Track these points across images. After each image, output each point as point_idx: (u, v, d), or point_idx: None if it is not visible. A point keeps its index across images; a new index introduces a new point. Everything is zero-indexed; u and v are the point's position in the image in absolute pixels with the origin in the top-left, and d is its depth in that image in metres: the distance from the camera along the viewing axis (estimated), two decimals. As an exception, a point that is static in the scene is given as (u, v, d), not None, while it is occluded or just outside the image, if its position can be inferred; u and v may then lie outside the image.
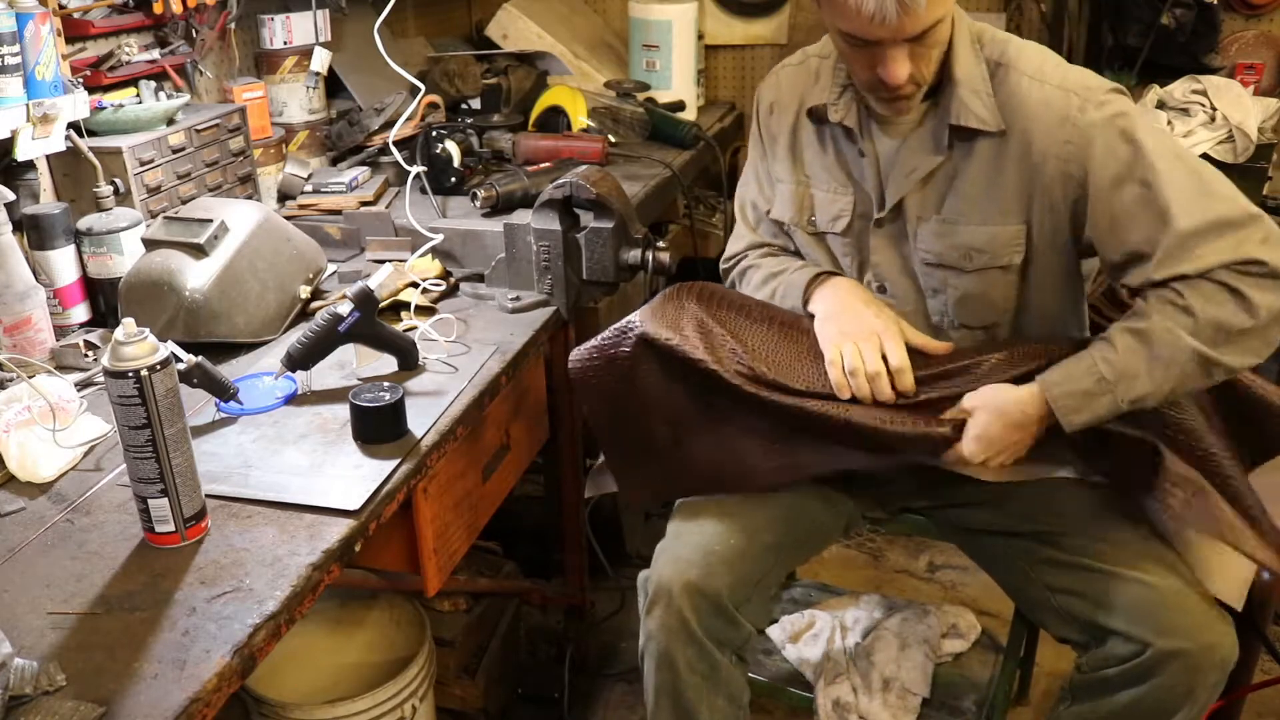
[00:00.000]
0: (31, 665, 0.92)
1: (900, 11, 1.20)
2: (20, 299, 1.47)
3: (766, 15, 2.98)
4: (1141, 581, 1.29)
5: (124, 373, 1.03)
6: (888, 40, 1.25)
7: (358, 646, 1.92)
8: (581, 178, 1.64)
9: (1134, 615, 1.28)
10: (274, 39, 2.14)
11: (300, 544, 1.11)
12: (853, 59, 1.33)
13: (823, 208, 1.49)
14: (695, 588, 1.34)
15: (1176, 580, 1.29)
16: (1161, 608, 1.27)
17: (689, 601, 1.34)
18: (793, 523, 1.47)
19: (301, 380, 1.44)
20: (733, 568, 1.37)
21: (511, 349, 1.57)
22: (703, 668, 1.36)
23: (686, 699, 1.37)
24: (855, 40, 1.27)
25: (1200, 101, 2.44)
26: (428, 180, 2.04)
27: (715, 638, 1.36)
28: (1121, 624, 1.29)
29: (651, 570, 1.41)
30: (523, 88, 2.51)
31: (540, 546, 2.25)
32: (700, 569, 1.36)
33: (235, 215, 1.60)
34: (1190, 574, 1.32)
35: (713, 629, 1.35)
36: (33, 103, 1.51)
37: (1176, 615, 1.27)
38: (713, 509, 1.44)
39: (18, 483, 1.24)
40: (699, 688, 1.37)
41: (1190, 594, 1.29)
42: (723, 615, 1.35)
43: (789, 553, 1.48)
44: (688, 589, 1.34)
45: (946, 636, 2.03)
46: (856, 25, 1.24)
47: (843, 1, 1.22)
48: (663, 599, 1.36)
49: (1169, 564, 1.31)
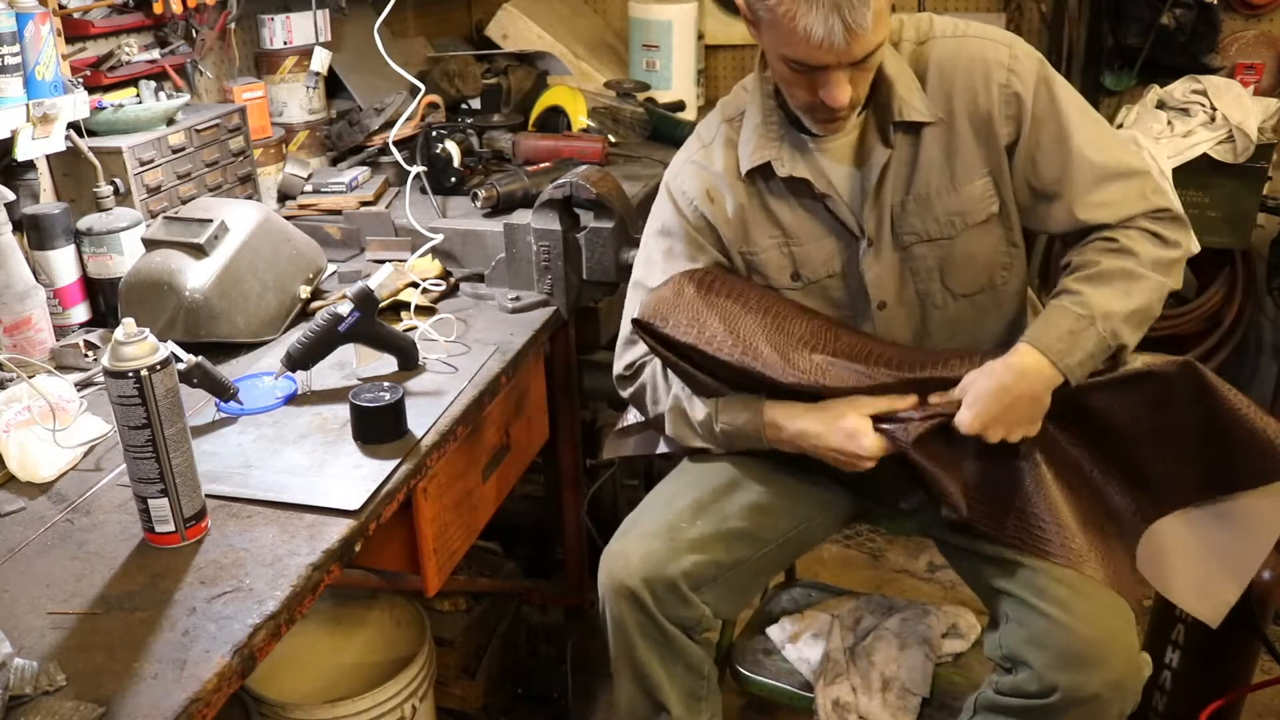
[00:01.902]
0: (31, 665, 0.92)
1: (848, 37, 1.21)
2: (20, 299, 1.47)
3: (766, 15, 2.97)
4: (1060, 620, 1.30)
5: (124, 373, 1.03)
6: (832, 65, 1.26)
7: (358, 646, 1.92)
8: (581, 178, 1.64)
9: (1049, 652, 1.29)
10: (274, 39, 2.14)
11: (300, 544, 1.11)
12: (793, 83, 1.33)
13: (810, 260, 1.46)
14: (653, 561, 1.38)
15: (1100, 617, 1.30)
16: (1076, 648, 1.28)
17: (643, 575, 1.37)
18: (776, 515, 1.48)
19: (301, 380, 1.44)
20: (695, 548, 1.40)
21: (511, 349, 1.57)
22: (656, 635, 1.40)
23: (641, 663, 1.41)
24: (799, 65, 1.28)
25: (1200, 101, 2.44)
26: (428, 180, 2.04)
27: (666, 613, 1.39)
28: (1035, 659, 1.30)
29: (614, 539, 1.44)
30: (523, 88, 2.51)
31: (540, 546, 2.25)
32: (661, 543, 1.39)
33: (235, 215, 1.60)
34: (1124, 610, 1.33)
35: (665, 604, 1.38)
36: (33, 103, 1.51)
37: (1089, 655, 1.27)
38: (687, 494, 1.47)
39: (18, 483, 1.24)
40: (652, 655, 1.41)
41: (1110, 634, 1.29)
42: (674, 593, 1.38)
43: (771, 546, 1.49)
44: (646, 560, 1.38)
45: (946, 636, 2.02)
46: (803, 51, 1.25)
47: (790, 29, 1.22)
48: (619, 566, 1.39)
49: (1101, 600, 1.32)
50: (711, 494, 1.47)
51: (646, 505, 1.50)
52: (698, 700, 1.46)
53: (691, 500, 1.46)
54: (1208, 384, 1.33)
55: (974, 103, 1.37)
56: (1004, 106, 1.36)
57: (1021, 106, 1.36)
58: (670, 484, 1.53)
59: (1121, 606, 1.34)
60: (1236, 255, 2.69)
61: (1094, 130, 1.37)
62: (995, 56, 1.36)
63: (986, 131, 1.37)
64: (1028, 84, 1.36)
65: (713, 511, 1.45)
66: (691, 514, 1.44)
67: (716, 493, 1.47)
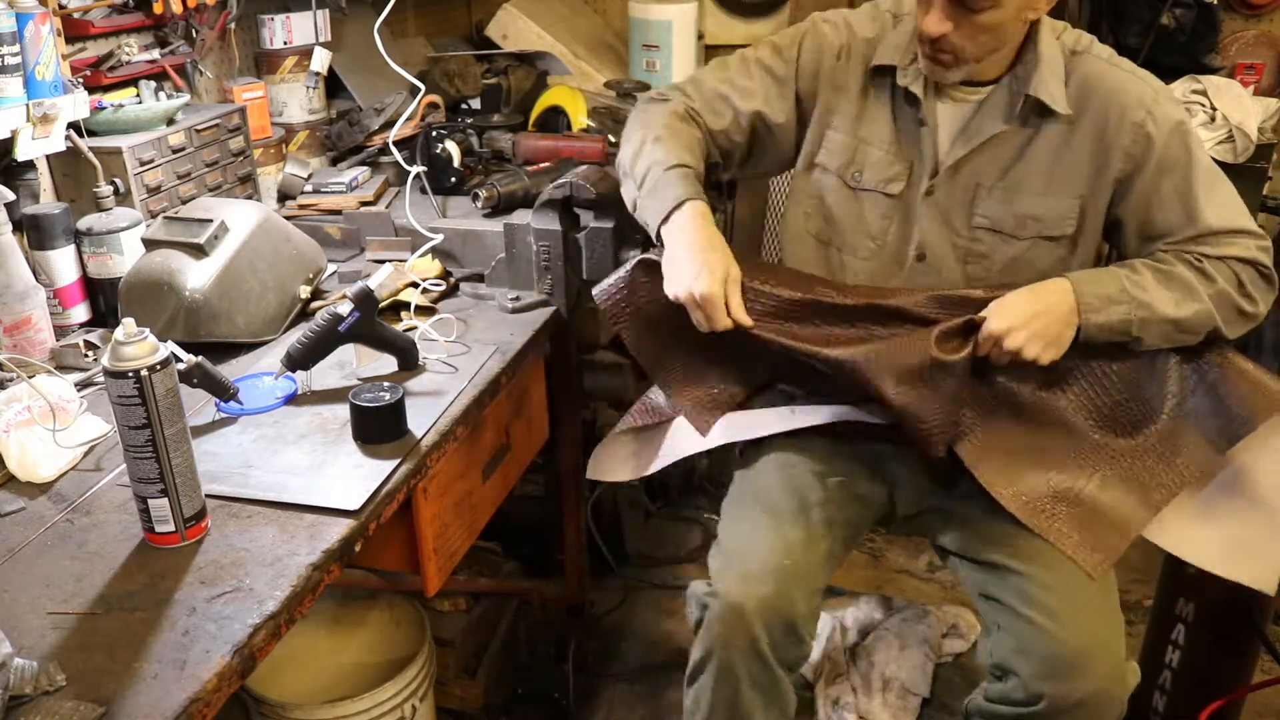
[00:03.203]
0: (31, 665, 0.92)
1: None
2: (20, 299, 1.47)
3: (766, 15, 2.98)
4: (1046, 628, 1.30)
5: (124, 373, 1.03)
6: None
7: (358, 646, 1.92)
8: (581, 178, 1.64)
9: (1034, 661, 1.30)
10: (274, 39, 2.14)
11: (300, 544, 1.11)
12: (918, 8, 1.38)
13: (876, 168, 1.49)
14: (770, 607, 1.33)
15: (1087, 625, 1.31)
16: (1062, 656, 1.29)
17: (762, 621, 1.33)
18: (837, 525, 1.47)
19: (301, 380, 1.44)
20: (801, 584, 1.37)
21: (511, 349, 1.57)
22: (765, 683, 1.36)
23: (744, 713, 1.36)
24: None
25: (1200, 101, 2.44)
26: (428, 180, 2.04)
27: (781, 656, 1.35)
28: (1021, 667, 1.31)
29: (716, 584, 1.39)
30: (523, 88, 2.51)
31: (540, 546, 2.26)
32: (772, 586, 1.35)
33: (235, 215, 1.60)
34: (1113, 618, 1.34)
35: (780, 647, 1.35)
36: (33, 103, 1.51)
37: (1075, 663, 1.28)
38: (769, 521, 1.44)
39: (18, 483, 1.24)
40: (755, 702, 1.36)
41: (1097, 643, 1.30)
42: (793, 634, 1.35)
43: (838, 558, 1.49)
44: (763, 608, 1.33)
45: (946, 636, 2.03)
46: None
47: None
48: (731, 616, 1.34)
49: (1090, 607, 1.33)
50: (791, 523, 1.44)
51: (731, 543, 1.45)
52: None
53: (776, 532, 1.42)
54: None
55: (1103, 126, 1.39)
56: (1131, 144, 1.38)
57: (1149, 148, 1.38)
58: (741, 517, 1.48)
59: (1110, 614, 1.35)
60: (1236, 255, 2.69)
61: (1220, 192, 1.40)
62: (1139, 94, 1.39)
63: (1102, 158, 1.40)
64: (1162, 130, 1.38)
65: (799, 542, 1.41)
66: (785, 549, 1.40)
67: (794, 519, 1.44)
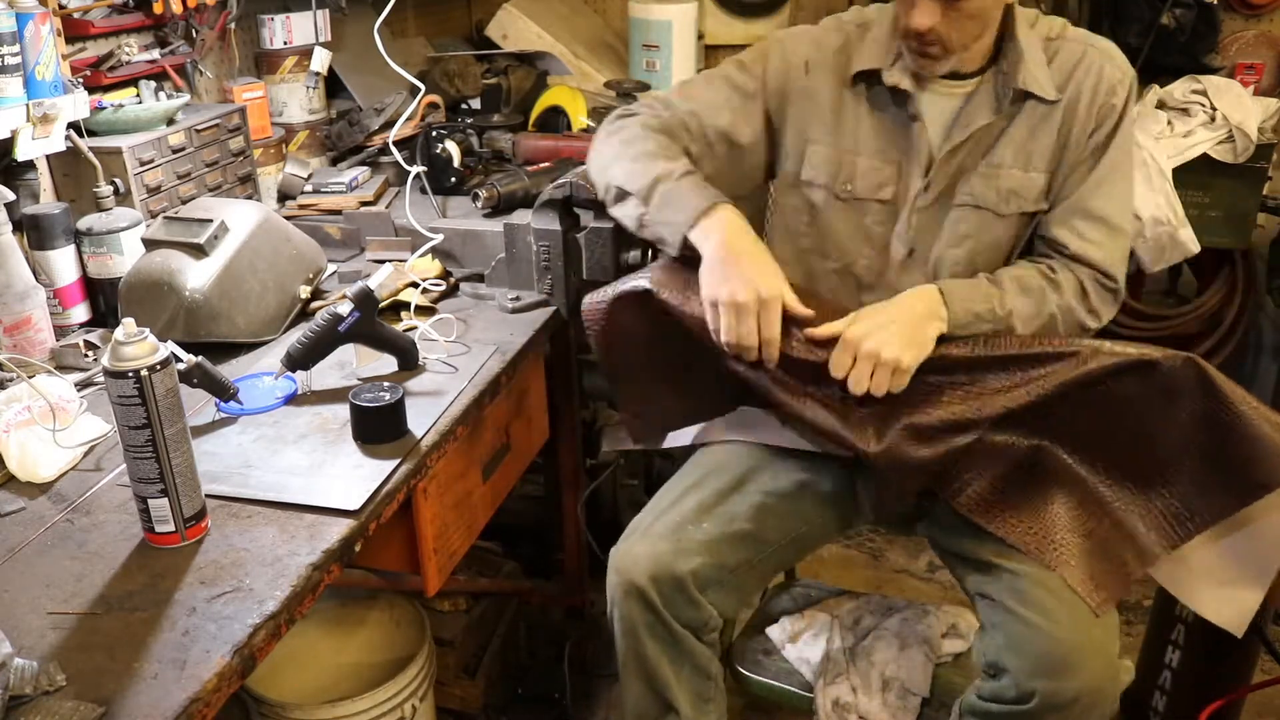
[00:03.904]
0: (31, 665, 0.92)
1: None
2: (20, 299, 1.47)
3: (766, 15, 2.98)
4: (1040, 626, 1.31)
5: (124, 373, 1.03)
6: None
7: (358, 646, 1.92)
8: (581, 178, 1.64)
9: (1026, 658, 1.30)
10: (274, 39, 2.14)
11: (300, 544, 1.11)
12: (899, 4, 1.40)
13: (865, 176, 1.50)
14: (662, 563, 1.39)
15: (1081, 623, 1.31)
16: (1055, 654, 1.29)
17: (651, 575, 1.38)
18: (781, 516, 1.50)
19: (301, 380, 1.44)
20: (702, 550, 1.41)
21: (511, 349, 1.57)
22: (664, 635, 1.41)
23: (650, 663, 1.42)
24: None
25: (1200, 101, 2.44)
26: (428, 180, 2.04)
27: (676, 614, 1.40)
28: (1013, 665, 1.31)
29: (621, 539, 1.45)
30: (523, 88, 2.51)
31: (540, 546, 2.26)
32: (669, 544, 1.41)
33: (235, 215, 1.60)
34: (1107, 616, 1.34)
35: (673, 604, 1.39)
36: (33, 103, 1.51)
37: (1068, 660, 1.28)
38: (694, 495, 1.49)
39: (18, 483, 1.24)
40: (661, 655, 1.42)
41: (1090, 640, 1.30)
42: (684, 594, 1.39)
43: (774, 547, 1.50)
44: (654, 561, 1.39)
45: (946, 636, 2.02)
46: None
47: None
48: (627, 566, 1.40)
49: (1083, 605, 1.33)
50: (716, 496, 1.49)
51: (653, 507, 1.51)
52: (705, 701, 1.46)
53: (697, 502, 1.48)
54: (1212, 381, 1.32)
55: (1075, 104, 1.43)
56: (1096, 123, 1.44)
57: (1100, 128, 1.44)
58: (675, 486, 1.54)
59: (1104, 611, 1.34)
60: (1236, 255, 2.69)
61: (1117, 182, 1.46)
62: (1109, 77, 1.43)
63: (1067, 134, 1.44)
64: (1117, 112, 1.44)
65: (719, 514, 1.46)
66: (698, 515, 1.46)
67: (721, 495, 1.49)
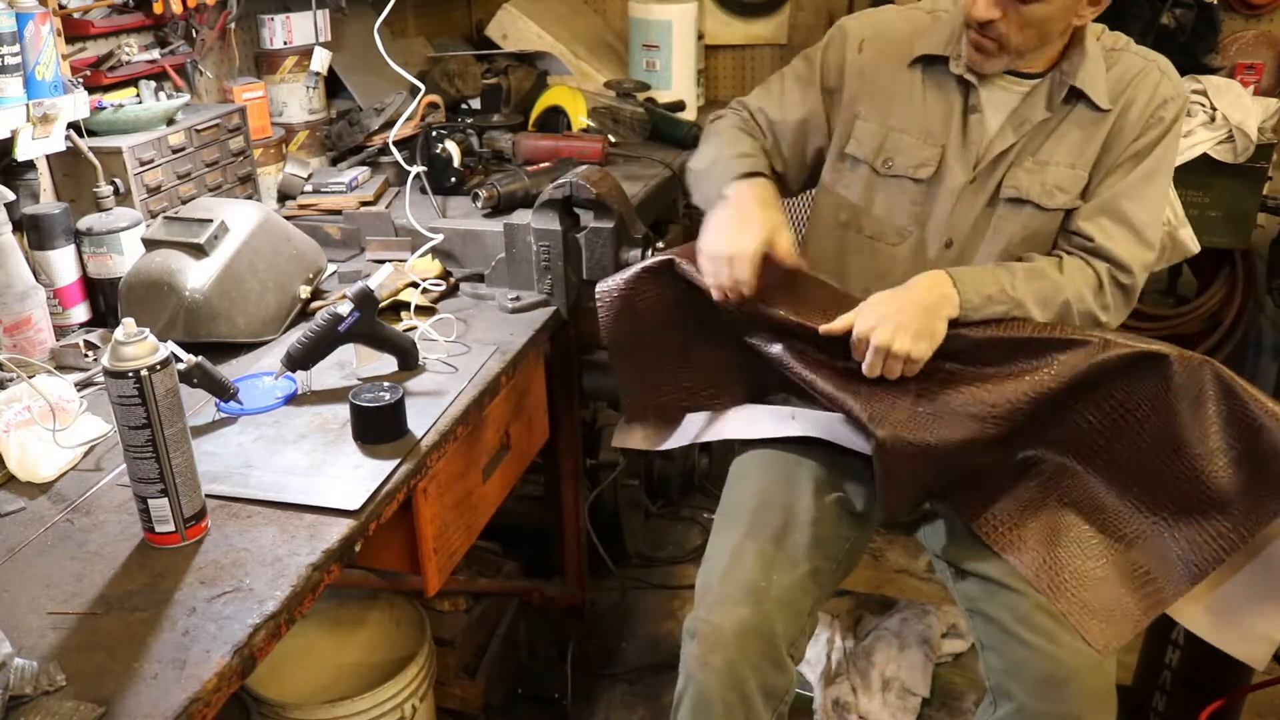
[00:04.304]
0: (31, 665, 0.92)
1: None
2: (20, 299, 1.47)
3: (766, 15, 2.98)
4: (1042, 649, 1.30)
5: (124, 373, 1.03)
6: None
7: (358, 646, 1.92)
8: (581, 178, 1.64)
9: (1029, 682, 1.30)
10: (274, 39, 2.14)
11: (300, 544, 1.11)
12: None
13: (906, 153, 1.53)
14: (750, 629, 1.31)
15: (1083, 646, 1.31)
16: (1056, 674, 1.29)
17: (739, 644, 1.30)
18: (829, 544, 1.46)
19: (301, 380, 1.44)
20: (781, 605, 1.34)
21: (511, 349, 1.57)
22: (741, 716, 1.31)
23: None
24: None
25: (1200, 101, 2.44)
26: (428, 180, 2.04)
27: (763, 685, 1.31)
28: (1017, 690, 1.31)
29: (696, 610, 1.37)
30: (523, 88, 2.51)
31: (540, 546, 2.25)
32: (749, 608, 1.32)
33: (235, 215, 1.60)
34: None
35: (762, 674, 1.31)
36: (33, 103, 1.51)
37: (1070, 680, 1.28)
38: (751, 545, 1.41)
39: (18, 483, 1.24)
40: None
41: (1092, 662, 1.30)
42: (774, 661, 1.32)
43: (828, 575, 1.46)
44: (741, 631, 1.30)
45: (946, 636, 2.03)
46: None
47: None
48: (708, 640, 1.31)
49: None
50: (774, 543, 1.42)
51: (712, 567, 1.41)
52: None
53: (758, 553, 1.40)
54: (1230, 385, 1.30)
55: (1126, 112, 1.47)
56: (1143, 130, 1.47)
57: (1144, 134, 1.47)
58: (726, 537, 1.45)
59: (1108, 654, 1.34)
60: (1236, 255, 2.70)
61: (1151, 191, 1.48)
62: (1163, 92, 1.47)
63: (1115, 137, 1.47)
64: (1164, 124, 1.47)
65: (782, 562, 1.39)
66: (764, 569, 1.37)
67: (778, 539, 1.42)
